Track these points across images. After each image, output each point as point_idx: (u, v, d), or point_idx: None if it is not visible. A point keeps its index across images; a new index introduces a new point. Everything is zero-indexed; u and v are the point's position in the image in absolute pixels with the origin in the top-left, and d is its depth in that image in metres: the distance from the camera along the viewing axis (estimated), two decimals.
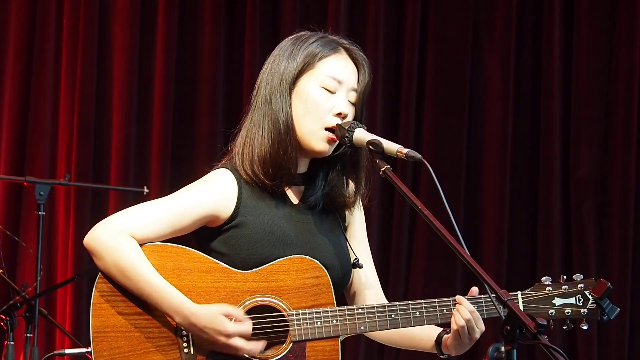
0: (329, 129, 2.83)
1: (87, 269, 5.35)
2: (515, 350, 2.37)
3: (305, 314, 2.75)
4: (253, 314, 2.75)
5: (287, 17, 5.94)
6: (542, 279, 2.82)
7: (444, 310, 2.77)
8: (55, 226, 5.93)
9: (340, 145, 2.86)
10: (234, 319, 2.70)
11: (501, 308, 2.43)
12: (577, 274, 2.82)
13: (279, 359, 2.74)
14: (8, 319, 4.81)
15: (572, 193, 5.65)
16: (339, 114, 2.83)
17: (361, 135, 2.79)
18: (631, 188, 5.58)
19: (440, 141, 5.80)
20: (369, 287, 3.00)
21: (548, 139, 5.69)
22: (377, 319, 2.77)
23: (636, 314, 5.56)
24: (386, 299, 2.98)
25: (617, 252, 5.58)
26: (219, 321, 2.68)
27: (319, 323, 2.75)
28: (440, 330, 2.88)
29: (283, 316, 2.75)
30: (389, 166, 2.73)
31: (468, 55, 5.82)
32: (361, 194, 2.96)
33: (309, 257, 2.80)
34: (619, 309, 2.81)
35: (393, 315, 2.77)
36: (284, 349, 2.75)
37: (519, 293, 2.79)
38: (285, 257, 2.79)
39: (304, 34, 2.93)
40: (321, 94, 2.84)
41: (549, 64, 5.70)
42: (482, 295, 2.77)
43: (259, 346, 2.71)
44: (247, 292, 2.75)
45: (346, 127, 2.80)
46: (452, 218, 2.57)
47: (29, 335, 4.89)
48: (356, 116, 2.88)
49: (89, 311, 2.73)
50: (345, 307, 2.78)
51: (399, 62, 5.87)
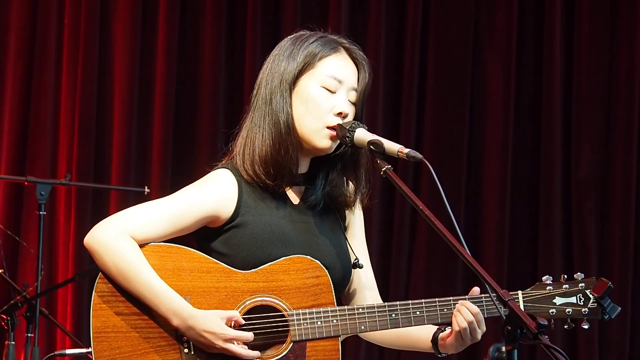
0: (331, 127, 2.83)
1: (88, 268, 5.35)
2: (516, 350, 2.37)
3: (306, 313, 2.75)
4: (253, 313, 2.75)
5: (288, 17, 5.94)
6: (542, 278, 2.82)
7: (445, 310, 2.77)
8: (56, 226, 5.93)
9: (341, 144, 2.86)
10: (233, 323, 2.70)
11: (502, 308, 2.42)
12: (578, 273, 2.82)
13: (279, 358, 2.74)
14: (9, 318, 4.82)
15: (573, 193, 5.65)
16: (339, 114, 2.83)
17: (362, 135, 2.79)
18: (632, 188, 5.58)
19: (441, 141, 5.79)
20: (366, 288, 2.99)
21: (549, 139, 5.68)
22: (377, 319, 2.77)
23: (637, 314, 5.55)
24: (382, 300, 2.98)
25: (618, 252, 5.57)
26: (217, 325, 2.68)
27: (319, 323, 2.75)
28: (436, 329, 2.87)
29: (283, 316, 2.75)
30: (390, 166, 2.73)
31: (469, 56, 5.82)
32: (362, 193, 2.96)
33: (309, 257, 2.80)
34: (619, 308, 2.81)
35: (394, 315, 2.77)
36: (284, 349, 2.75)
37: (519, 292, 2.79)
38: (286, 257, 2.79)
39: (303, 33, 2.93)
40: (322, 93, 2.84)
41: (549, 64, 5.70)
42: (483, 295, 2.77)
43: (255, 354, 2.71)
44: (247, 292, 2.75)
45: (347, 127, 2.80)
46: (453, 218, 2.57)
47: (29, 335, 4.89)
48: (356, 116, 2.88)
49: (89, 311, 2.73)
50: (346, 307, 2.78)
51: (400, 62, 5.87)
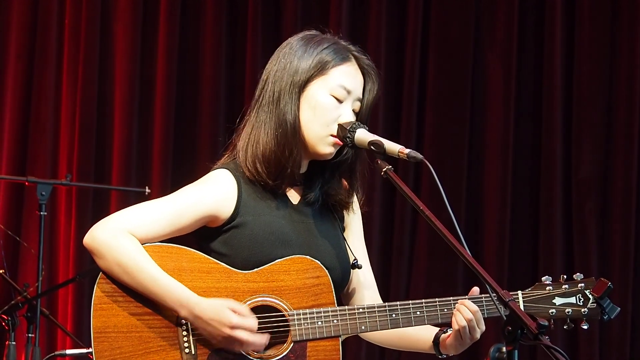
0: (335, 136, 2.83)
1: (89, 269, 5.35)
2: (516, 351, 2.37)
3: (306, 313, 2.75)
4: (254, 313, 2.74)
5: (288, 17, 5.94)
6: (542, 278, 2.82)
7: (445, 310, 2.77)
8: (57, 226, 5.94)
9: (341, 150, 2.87)
10: (239, 314, 2.71)
11: (502, 308, 2.43)
12: (578, 273, 2.83)
13: (280, 358, 2.74)
14: (9, 319, 4.82)
15: (573, 193, 5.65)
16: None
17: (363, 135, 2.79)
18: (633, 188, 5.58)
19: (441, 142, 5.79)
20: (365, 288, 3.00)
21: (550, 140, 5.68)
22: (377, 319, 2.77)
23: (638, 313, 5.55)
24: (381, 300, 2.98)
25: (618, 252, 5.57)
26: (224, 313, 2.68)
27: (319, 323, 2.75)
28: (437, 329, 2.88)
29: (284, 316, 2.76)
30: (390, 167, 2.73)
31: (470, 56, 5.82)
32: (353, 197, 2.97)
33: (309, 257, 2.80)
34: (619, 308, 2.82)
35: (394, 315, 2.78)
36: (285, 349, 2.75)
37: (519, 292, 2.79)
38: (286, 257, 2.79)
39: (315, 35, 2.92)
40: (330, 102, 2.83)
41: (550, 64, 5.70)
42: (483, 295, 2.77)
43: (264, 339, 2.71)
44: (247, 292, 2.75)
45: (348, 128, 2.80)
46: (454, 218, 2.57)
47: (30, 335, 4.90)
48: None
49: (90, 311, 2.73)
50: (346, 307, 2.79)
51: (400, 62, 5.87)
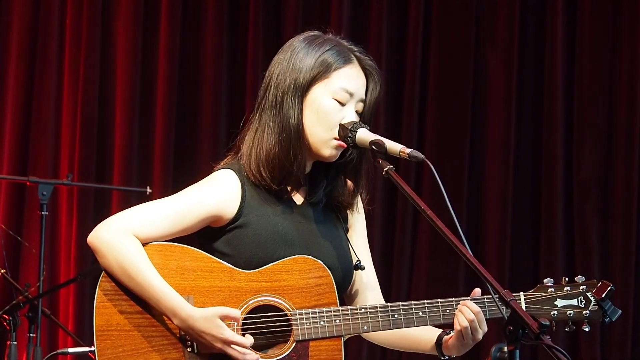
0: (337, 139, 2.83)
1: (90, 268, 5.35)
2: (517, 351, 2.37)
3: (309, 313, 2.75)
4: (256, 313, 2.75)
5: (290, 17, 5.94)
6: (544, 280, 2.82)
7: (447, 311, 2.77)
8: (58, 226, 5.94)
9: (345, 151, 2.87)
10: (235, 324, 2.70)
11: (504, 308, 2.43)
12: (579, 275, 2.83)
13: (282, 358, 2.74)
14: (11, 318, 4.82)
15: (575, 193, 5.65)
16: None
17: (364, 135, 2.79)
18: (634, 188, 5.58)
19: (443, 141, 5.80)
20: (368, 289, 2.99)
21: (551, 139, 5.69)
22: (380, 319, 2.77)
23: (639, 314, 5.55)
24: (384, 301, 2.98)
25: (620, 252, 5.58)
26: (216, 327, 2.67)
27: (322, 322, 2.75)
28: (440, 331, 2.88)
29: (286, 315, 2.76)
30: (391, 166, 2.73)
31: (471, 55, 5.82)
32: (358, 197, 2.96)
33: (312, 257, 2.80)
34: (620, 310, 2.81)
35: (396, 315, 2.78)
36: (287, 349, 2.75)
37: (521, 294, 2.79)
38: (289, 257, 2.79)
39: (317, 36, 2.91)
40: (333, 105, 2.83)
41: (551, 64, 5.71)
42: (485, 296, 2.77)
43: (254, 357, 2.71)
44: (250, 292, 2.75)
45: (349, 128, 2.80)
46: (455, 218, 2.57)
47: (31, 335, 4.90)
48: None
49: (91, 311, 2.73)
50: (349, 307, 2.79)
51: (401, 61, 5.87)
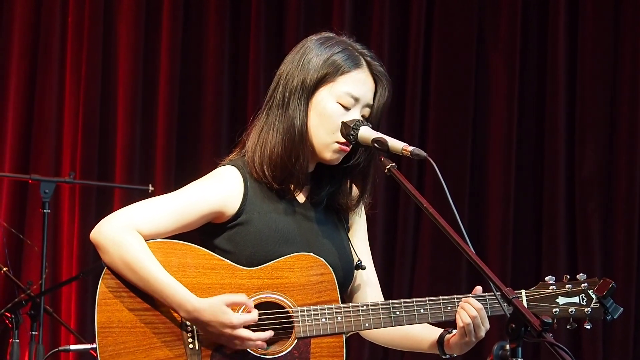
0: (341, 143, 2.83)
1: (92, 266, 5.36)
2: (520, 348, 2.37)
3: (310, 310, 2.76)
4: (258, 310, 2.75)
5: (291, 15, 5.94)
6: (546, 278, 2.83)
7: (449, 308, 2.78)
8: (60, 224, 5.94)
9: (352, 155, 2.86)
10: (239, 310, 2.70)
11: (506, 306, 2.43)
12: (581, 273, 2.83)
13: (284, 355, 2.75)
14: (13, 316, 4.82)
15: (577, 192, 5.65)
16: None
17: (366, 133, 2.79)
18: (636, 187, 5.58)
19: (445, 140, 5.80)
20: (369, 288, 3.00)
21: (553, 138, 5.69)
22: (381, 316, 2.78)
23: None
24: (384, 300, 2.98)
25: (621, 251, 5.58)
26: (223, 314, 2.68)
27: (323, 320, 2.76)
28: (442, 330, 2.88)
29: (288, 313, 2.76)
30: (394, 164, 2.73)
31: (473, 54, 5.82)
32: (364, 201, 2.97)
33: (313, 254, 2.80)
34: (622, 308, 2.82)
35: (397, 313, 2.78)
36: (289, 346, 2.75)
37: (522, 291, 2.80)
38: (291, 255, 2.79)
39: (330, 37, 2.91)
40: (337, 109, 2.83)
41: (554, 62, 5.70)
42: (487, 293, 2.77)
43: (266, 335, 2.71)
44: (252, 289, 2.76)
45: (351, 125, 2.80)
46: (457, 216, 2.57)
47: (34, 333, 4.90)
48: None
49: (94, 309, 2.73)
50: (350, 304, 2.79)
51: (403, 60, 5.87)
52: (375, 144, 2.75)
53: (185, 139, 6.02)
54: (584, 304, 2.79)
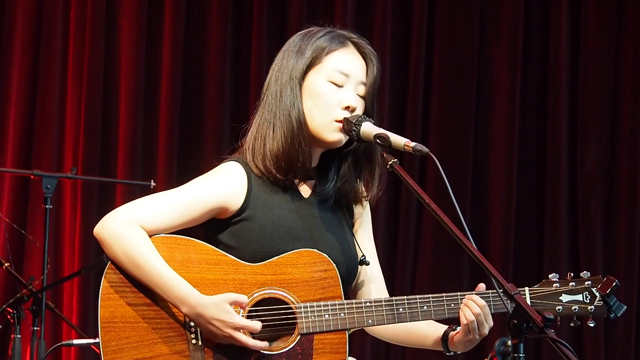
0: (339, 121, 2.83)
1: (94, 262, 5.35)
2: (522, 344, 2.37)
3: (313, 306, 2.76)
4: (261, 306, 2.75)
5: (294, 12, 5.93)
6: (549, 275, 2.82)
7: (452, 305, 2.77)
8: (62, 219, 5.94)
9: (350, 142, 2.87)
10: (242, 311, 2.71)
11: (508, 302, 2.43)
12: (585, 271, 2.82)
13: (287, 351, 2.75)
14: (15, 312, 4.82)
15: (579, 188, 5.65)
16: (347, 107, 2.84)
17: (368, 128, 2.79)
18: (638, 183, 5.58)
19: (447, 136, 5.79)
20: (373, 284, 3.00)
21: (555, 134, 5.68)
22: (384, 313, 2.78)
23: None
24: (389, 296, 2.97)
25: (624, 247, 5.57)
26: (225, 312, 2.68)
27: (327, 316, 2.76)
28: (446, 327, 2.88)
29: (291, 309, 2.76)
30: (396, 160, 2.73)
31: (475, 50, 5.81)
32: (375, 189, 2.96)
33: (317, 250, 2.80)
34: (625, 306, 2.81)
35: (400, 309, 2.78)
36: (292, 341, 2.75)
37: (526, 289, 2.79)
38: (294, 251, 2.79)
39: (312, 29, 2.94)
40: (329, 87, 2.84)
41: (556, 59, 5.70)
42: (489, 290, 2.77)
43: (263, 345, 2.71)
44: (255, 285, 2.76)
45: (353, 121, 2.80)
46: (460, 212, 2.57)
47: (35, 328, 4.90)
48: (366, 109, 2.89)
49: (95, 304, 2.74)
50: (353, 301, 2.79)
51: (406, 57, 5.87)
52: (378, 140, 2.76)
53: (187, 134, 6.01)
54: (588, 301, 2.79)
